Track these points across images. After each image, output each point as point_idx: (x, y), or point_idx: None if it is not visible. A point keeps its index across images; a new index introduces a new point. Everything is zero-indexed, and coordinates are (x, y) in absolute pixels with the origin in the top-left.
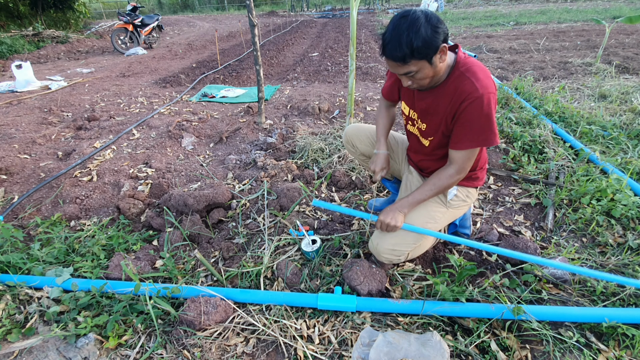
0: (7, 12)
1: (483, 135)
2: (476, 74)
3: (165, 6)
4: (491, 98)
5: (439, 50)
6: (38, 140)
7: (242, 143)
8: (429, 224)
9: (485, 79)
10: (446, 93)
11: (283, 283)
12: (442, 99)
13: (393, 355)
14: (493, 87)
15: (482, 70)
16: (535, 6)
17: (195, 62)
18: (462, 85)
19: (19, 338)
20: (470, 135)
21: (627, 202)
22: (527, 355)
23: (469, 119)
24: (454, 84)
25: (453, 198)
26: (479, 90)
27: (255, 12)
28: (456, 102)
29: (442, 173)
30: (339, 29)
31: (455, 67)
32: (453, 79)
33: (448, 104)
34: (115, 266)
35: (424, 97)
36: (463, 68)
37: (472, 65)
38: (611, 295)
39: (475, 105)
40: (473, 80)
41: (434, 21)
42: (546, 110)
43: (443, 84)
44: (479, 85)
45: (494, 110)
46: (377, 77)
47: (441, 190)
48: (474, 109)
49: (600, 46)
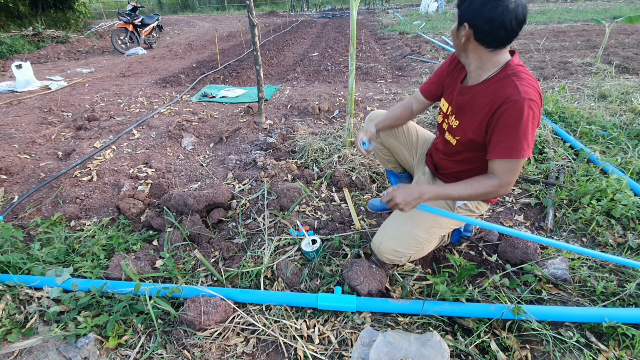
0: (7, 12)
1: (519, 145)
2: (522, 79)
3: (165, 6)
4: (533, 107)
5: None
6: (38, 140)
7: (242, 143)
8: (434, 228)
9: (531, 87)
10: (487, 93)
11: (283, 283)
12: (481, 98)
13: (393, 355)
14: (536, 96)
15: (531, 78)
16: (535, 6)
17: (195, 62)
18: (504, 88)
19: (19, 338)
20: (506, 142)
21: (627, 202)
22: (527, 355)
23: (507, 125)
24: (496, 85)
25: (461, 206)
26: (521, 94)
27: (255, 12)
28: (495, 104)
29: (484, 178)
30: (339, 29)
31: (503, 69)
32: (497, 79)
33: (486, 105)
34: (115, 266)
35: (465, 92)
36: (511, 71)
37: (521, 71)
38: (611, 295)
39: (514, 110)
40: (517, 84)
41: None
42: (546, 110)
43: (486, 82)
44: (522, 89)
45: (533, 119)
46: (377, 77)
47: (475, 195)
48: (512, 114)
49: (600, 46)
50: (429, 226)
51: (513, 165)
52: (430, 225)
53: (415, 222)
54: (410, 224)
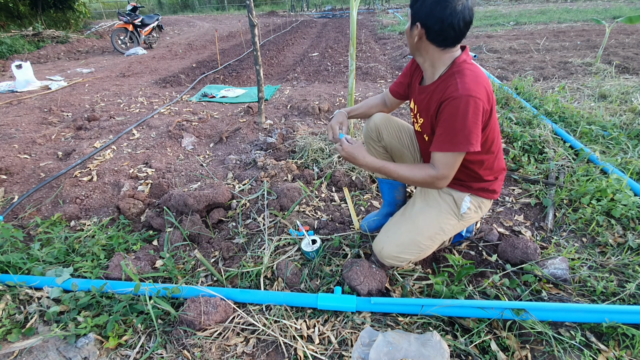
0: (7, 12)
1: (456, 139)
2: (464, 76)
3: (165, 6)
4: (470, 102)
5: (415, 24)
6: (38, 140)
7: (242, 143)
8: (438, 235)
9: (472, 82)
10: (437, 91)
11: (283, 283)
12: (434, 96)
13: (393, 355)
14: (478, 92)
15: (473, 74)
16: (535, 6)
17: (195, 62)
18: (447, 86)
19: (19, 338)
20: (445, 137)
21: (627, 202)
22: (527, 355)
23: (445, 120)
24: (443, 82)
25: (466, 211)
26: (459, 91)
27: (255, 12)
28: (439, 102)
29: (425, 167)
30: (339, 29)
31: (450, 68)
32: (445, 78)
33: (435, 102)
34: (115, 266)
35: (422, 91)
36: (456, 68)
37: (465, 68)
38: (611, 295)
39: (452, 106)
40: (458, 81)
41: (449, 6)
42: (546, 110)
43: (437, 81)
44: (460, 86)
45: (473, 114)
46: (377, 77)
47: (412, 180)
48: (450, 110)
49: (600, 46)
50: (434, 234)
51: (450, 158)
52: (434, 232)
53: (420, 230)
54: (414, 231)
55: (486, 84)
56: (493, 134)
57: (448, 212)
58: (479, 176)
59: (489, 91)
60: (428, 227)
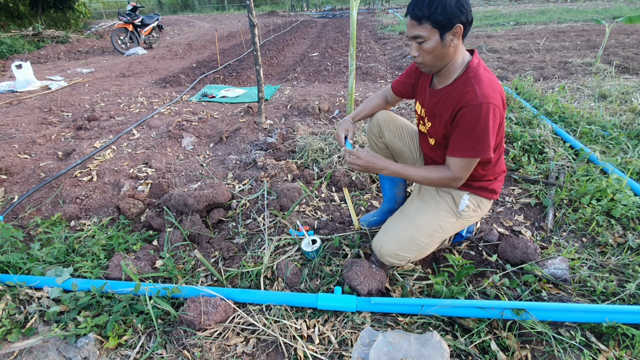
0: (7, 12)
1: (478, 146)
2: (481, 82)
3: (165, 6)
4: (490, 109)
5: (454, 27)
6: (38, 140)
7: (242, 143)
8: (437, 233)
9: (490, 89)
10: (452, 96)
11: (283, 283)
12: (448, 101)
13: (393, 355)
14: (496, 99)
15: (489, 79)
16: (535, 6)
17: (195, 62)
18: (465, 91)
19: (19, 338)
20: (464, 144)
21: (627, 202)
22: (527, 355)
23: (465, 128)
24: (459, 87)
25: (464, 209)
26: (479, 98)
27: (255, 12)
28: (456, 108)
29: (441, 169)
30: (339, 29)
31: (465, 71)
32: (460, 82)
33: (450, 107)
34: (115, 266)
35: (434, 95)
36: (471, 73)
37: (481, 74)
38: (611, 295)
39: (473, 114)
40: (476, 88)
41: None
42: (546, 110)
43: (451, 85)
44: (479, 93)
45: (492, 122)
46: (377, 77)
47: (429, 182)
48: (470, 118)
49: (600, 46)
50: (432, 231)
51: (467, 163)
52: (433, 230)
53: (419, 228)
54: (413, 229)
55: (500, 89)
56: (500, 136)
57: (446, 210)
58: (479, 175)
59: (503, 96)
60: (427, 225)
